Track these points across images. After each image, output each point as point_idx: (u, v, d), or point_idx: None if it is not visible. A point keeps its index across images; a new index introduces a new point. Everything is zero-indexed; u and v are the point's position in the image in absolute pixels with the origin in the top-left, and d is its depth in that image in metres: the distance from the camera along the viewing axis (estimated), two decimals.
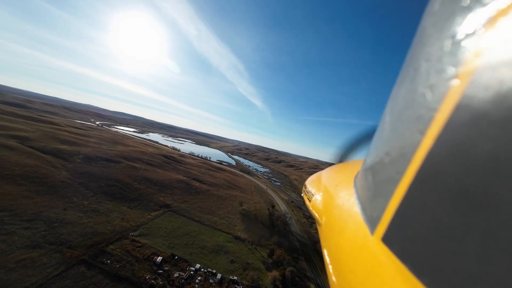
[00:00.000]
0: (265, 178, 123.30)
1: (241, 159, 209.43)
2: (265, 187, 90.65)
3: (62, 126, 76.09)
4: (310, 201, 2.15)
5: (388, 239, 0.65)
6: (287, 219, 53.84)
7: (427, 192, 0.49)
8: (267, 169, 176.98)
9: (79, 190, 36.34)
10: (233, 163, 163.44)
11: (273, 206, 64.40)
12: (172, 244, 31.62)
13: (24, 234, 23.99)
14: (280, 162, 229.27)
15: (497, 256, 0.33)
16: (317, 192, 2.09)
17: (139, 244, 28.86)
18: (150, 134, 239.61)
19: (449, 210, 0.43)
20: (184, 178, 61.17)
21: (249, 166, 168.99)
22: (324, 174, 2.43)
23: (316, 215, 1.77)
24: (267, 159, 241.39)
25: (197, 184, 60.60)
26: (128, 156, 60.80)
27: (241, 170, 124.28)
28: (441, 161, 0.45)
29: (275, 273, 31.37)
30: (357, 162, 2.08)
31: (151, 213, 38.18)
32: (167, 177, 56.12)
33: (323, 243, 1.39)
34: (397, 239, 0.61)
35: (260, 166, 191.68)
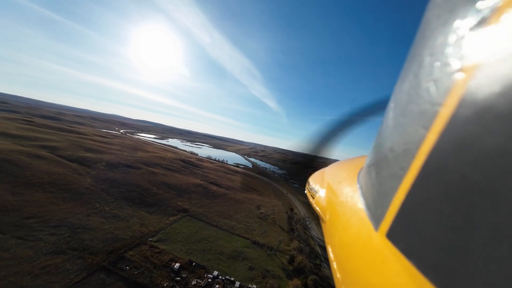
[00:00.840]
0: (282, 179, 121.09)
1: (258, 161, 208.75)
2: (282, 189, 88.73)
3: (88, 135, 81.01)
4: (313, 198, 2.14)
5: (393, 235, 0.65)
6: (307, 223, 51.60)
7: (432, 188, 0.49)
8: (285, 171, 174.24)
9: (101, 196, 37.67)
10: (250, 165, 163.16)
11: (291, 209, 62.30)
12: (190, 249, 31.29)
13: (50, 240, 24.96)
14: (297, 163, 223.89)
15: (502, 251, 0.33)
16: (321, 188, 2.09)
17: (157, 250, 28.85)
18: (170, 139, 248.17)
19: (453, 205, 0.42)
20: (202, 182, 61.52)
21: (266, 168, 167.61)
22: (327, 170, 2.39)
23: (320, 211, 1.78)
24: (284, 161, 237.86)
25: (215, 188, 60.59)
26: (147, 162, 62.66)
27: (258, 173, 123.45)
28: (446, 156, 0.45)
29: (296, 281, 29.58)
30: (360, 159, 2.06)
31: (169, 218, 38.41)
32: (185, 182, 56.76)
33: (327, 239, 1.38)
34: (402, 235, 0.60)
35: (277, 167, 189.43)
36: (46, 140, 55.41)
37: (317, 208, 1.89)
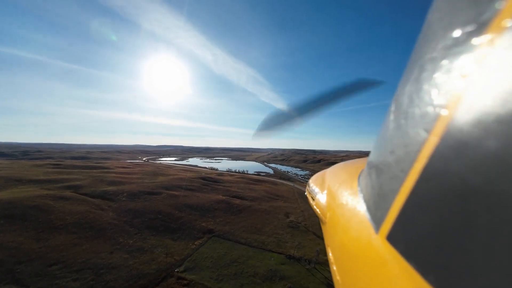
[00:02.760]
0: (306, 181, 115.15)
1: (278, 166, 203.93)
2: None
3: (111, 169, 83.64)
4: (313, 200, 2.14)
5: (393, 238, 0.65)
6: None
7: (432, 191, 0.48)
8: (307, 171, 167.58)
9: (124, 229, 36.62)
10: (271, 171, 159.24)
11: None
12: (220, 276, 28.40)
13: (73, 286, 23.61)
14: (319, 161, 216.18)
15: (502, 254, 0.33)
16: (321, 190, 2.07)
17: (185, 282, 26.36)
18: (190, 159, 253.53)
19: (454, 208, 0.42)
20: (224, 197, 59.27)
21: (287, 171, 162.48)
22: (328, 172, 2.38)
23: (320, 213, 1.78)
24: (305, 161, 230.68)
25: (238, 201, 57.90)
26: (168, 185, 62.13)
27: (280, 178, 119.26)
28: (446, 159, 0.45)
29: None
30: (361, 161, 2.06)
31: (195, 242, 36.12)
32: (207, 200, 54.86)
33: (327, 241, 1.41)
34: (402, 238, 0.60)
35: (299, 169, 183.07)
36: (71, 180, 57.23)
37: (317, 210, 1.91)
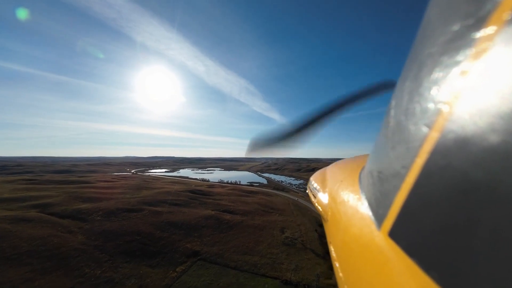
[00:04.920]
0: (301, 191, 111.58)
1: (272, 176, 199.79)
2: (304, 202, 79.70)
3: (92, 183, 77.28)
4: (315, 197, 2.13)
5: (395, 234, 0.65)
6: None
7: (434, 186, 0.48)
8: (301, 180, 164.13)
9: (93, 256, 31.37)
10: (265, 181, 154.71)
11: (320, 225, 53.36)
12: None
13: None
14: (313, 170, 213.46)
15: (505, 250, 0.33)
16: (323, 188, 2.06)
17: None
18: (181, 170, 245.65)
19: (456, 204, 0.42)
20: (213, 212, 54.45)
21: (281, 181, 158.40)
22: (329, 170, 2.37)
23: (322, 211, 1.77)
24: (298, 170, 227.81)
25: (228, 216, 53.21)
26: (151, 201, 56.83)
27: (274, 188, 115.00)
28: (448, 155, 0.45)
29: None
30: (362, 158, 2.04)
31: (177, 269, 31.25)
32: (194, 216, 49.95)
33: (329, 239, 1.39)
34: (404, 234, 0.60)
35: (293, 178, 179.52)
36: (41, 197, 51.21)
37: (319, 208, 1.89)
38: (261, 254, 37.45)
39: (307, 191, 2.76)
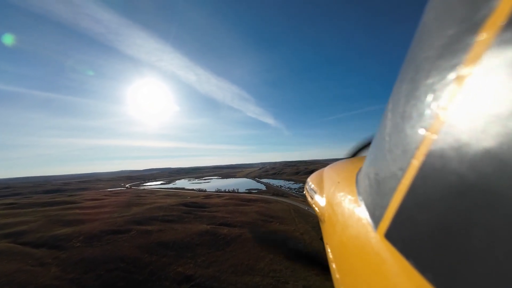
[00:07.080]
0: (302, 195, 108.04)
1: (271, 181, 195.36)
2: (305, 207, 76.13)
3: (78, 203, 72.05)
4: (312, 198, 2.26)
5: (391, 236, 0.65)
6: None
7: (430, 188, 0.49)
8: (301, 184, 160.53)
9: None
10: (263, 187, 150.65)
11: None
12: None
13: None
14: (312, 172, 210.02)
15: (500, 251, 0.33)
16: (320, 189, 2.14)
17: None
18: (177, 182, 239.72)
19: (452, 206, 0.42)
20: (209, 227, 50.05)
21: (280, 186, 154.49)
22: (326, 171, 2.50)
23: (319, 212, 1.87)
24: (297, 173, 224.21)
25: (225, 230, 48.90)
26: (140, 219, 52.21)
27: (273, 194, 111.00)
28: (444, 157, 0.45)
29: None
30: (359, 159, 2.12)
31: None
32: (187, 233, 45.54)
33: (325, 240, 1.46)
34: (401, 236, 0.60)
35: (292, 182, 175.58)
36: (16, 224, 46.15)
37: (316, 208, 1.98)
38: (263, 273, 33.36)
39: (304, 192, 2.88)
